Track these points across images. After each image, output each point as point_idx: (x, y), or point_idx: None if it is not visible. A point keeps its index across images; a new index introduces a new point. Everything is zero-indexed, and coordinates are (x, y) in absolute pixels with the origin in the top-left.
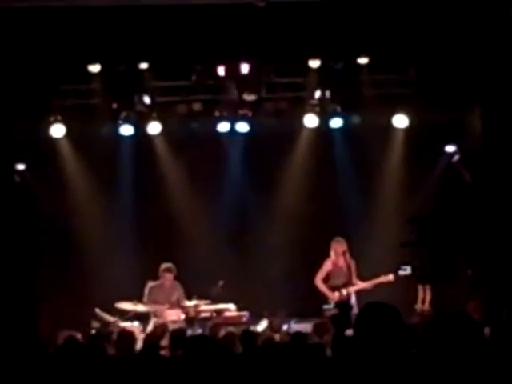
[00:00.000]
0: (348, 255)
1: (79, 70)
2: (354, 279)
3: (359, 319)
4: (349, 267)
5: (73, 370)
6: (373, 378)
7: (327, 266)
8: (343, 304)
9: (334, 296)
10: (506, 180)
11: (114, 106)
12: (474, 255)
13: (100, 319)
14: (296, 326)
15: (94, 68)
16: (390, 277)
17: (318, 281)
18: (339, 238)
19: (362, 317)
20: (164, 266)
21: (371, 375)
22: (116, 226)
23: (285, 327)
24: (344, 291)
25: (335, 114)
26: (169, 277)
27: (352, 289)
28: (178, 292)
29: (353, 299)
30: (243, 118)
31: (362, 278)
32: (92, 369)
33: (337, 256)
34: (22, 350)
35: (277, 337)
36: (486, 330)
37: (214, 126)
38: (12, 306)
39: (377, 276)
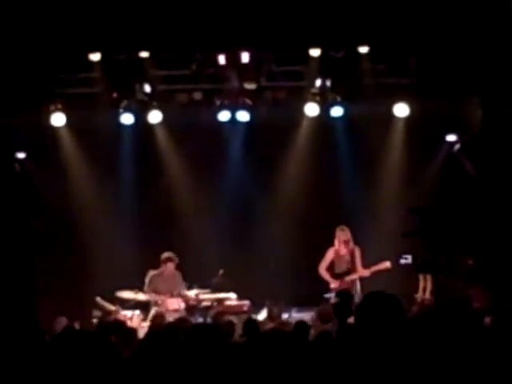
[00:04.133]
0: (352, 243)
1: (80, 58)
2: (359, 267)
3: (360, 309)
4: (352, 255)
5: (73, 358)
6: (375, 366)
7: (330, 254)
8: (344, 293)
9: (335, 283)
10: (506, 169)
11: (115, 94)
12: (474, 244)
13: (101, 308)
14: (297, 315)
15: (95, 57)
16: (387, 264)
17: (322, 269)
18: (343, 227)
19: (363, 306)
20: (166, 255)
21: (373, 363)
22: (117, 215)
23: (286, 316)
24: (346, 279)
25: (336, 103)
26: (170, 266)
27: (352, 277)
28: (178, 281)
29: (357, 287)
30: (244, 107)
31: (365, 267)
32: (93, 357)
33: (339, 244)
34: (22, 339)
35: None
36: (487, 319)
37: (215, 114)
38: (12, 296)
39: (375, 263)
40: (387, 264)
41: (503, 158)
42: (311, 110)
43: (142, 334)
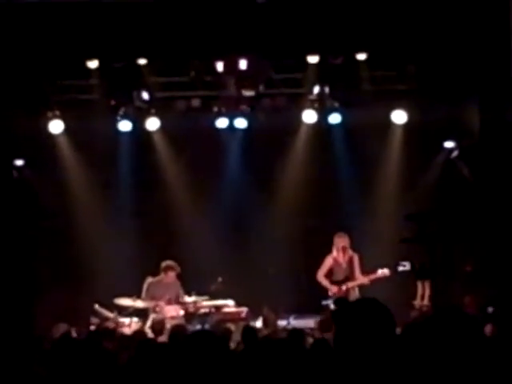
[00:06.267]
0: (349, 250)
1: (78, 65)
2: (357, 274)
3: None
4: (349, 262)
5: (70, 365)
6: (369, 374)
7: (328, 261)
8: (341, 299)
9: (333, 290)
10: (504, 176)
11: (113, 101)
12: (472, 251)
13: (99, 315)
14: (295, 322)
15: (93, 64)
16: (386, 271)
17: (320, 276)
18: (341, 233)
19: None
20: (167, 263)
21: (367, 372)
22: (115, 222)
23: (284, 323)
24: (343, 286)
25: (334, 110)
26: (171, 275)
27: (350, 284)
28: (176, 288)
29: (356, 294)
30: (242, 114)
31: (363, 274)
32: (89, 364)
33: (338, 251)
34: (20, 346)
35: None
36: (488, 328)
37: (213, 121)
38: (10, 302)
39: (374, 271)
40: (386, 272)
41: (501, 165)
42: (309, 116)
43: None
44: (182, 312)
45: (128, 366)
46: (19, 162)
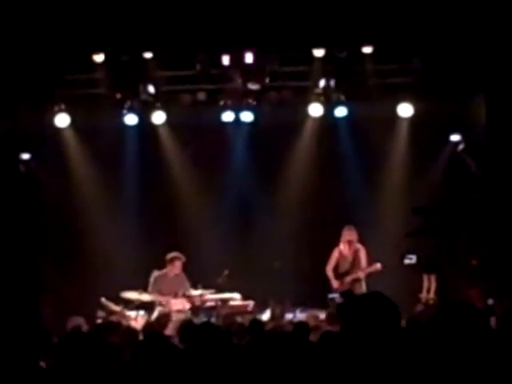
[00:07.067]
0: (356, 244)
1: (83, 59)
2: (361, 268)
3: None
4: (354, 256)
5: (76, 359)
6: (375, 368)
7: (335, 254)
8: (347, 293)
9: (336, 284)
10: (510, 169)
11: (119, 95)
12: (478, 245)
13: (105, 309)
14: (301, 315)
15: (99, 57)
16: (378, 266)
17: (328, 269)
18: (350, 226)
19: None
20: (172, 254)
21: (372, 365)
22: (121, 216)
23: (290, 316)
24: (346, 279)
25: (340, 103)
26: (178, 264)
27: (350, 277)
28: (182, 281)
29: (362, 288)
30: (247, 108)
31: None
32: (95, 359)
33: (344, 244)
34: (26, 340)
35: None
36: (492, 321)
37: (219, 115)
38: (16, 296)
39: (369, 265)
40: (378, 266)
41: (507, 158)
42: (315, 110)
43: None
44: (188, 305)
45: (131, 360)
46: (25, 156)
